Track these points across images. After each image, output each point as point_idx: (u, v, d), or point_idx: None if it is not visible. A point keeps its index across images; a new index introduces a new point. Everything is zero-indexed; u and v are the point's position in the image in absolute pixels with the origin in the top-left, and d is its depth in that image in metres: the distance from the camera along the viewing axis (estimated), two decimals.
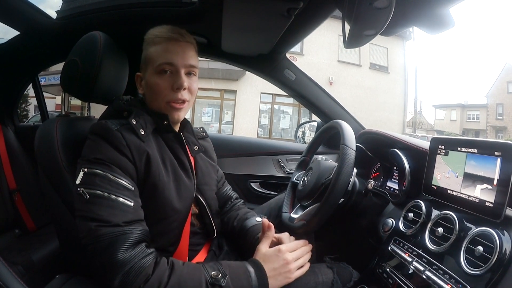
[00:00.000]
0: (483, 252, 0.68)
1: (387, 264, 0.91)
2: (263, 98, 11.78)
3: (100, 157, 0.70)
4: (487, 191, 0.76)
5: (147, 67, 0.83)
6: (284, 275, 0.77)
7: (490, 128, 20.18)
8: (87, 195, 0.66)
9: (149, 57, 0.82)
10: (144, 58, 0.85)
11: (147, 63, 0.83)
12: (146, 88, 0.85)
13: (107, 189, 0.67)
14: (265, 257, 0.78)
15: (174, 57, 0.80)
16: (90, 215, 0.64)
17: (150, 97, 0.84)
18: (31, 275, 1.24)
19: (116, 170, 0.70)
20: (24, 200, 1.51)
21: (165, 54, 0.80)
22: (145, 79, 0.84)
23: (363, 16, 0.71)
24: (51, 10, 1.24)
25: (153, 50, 0.82)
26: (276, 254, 0.78)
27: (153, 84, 0.81)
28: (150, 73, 0.82)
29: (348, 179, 0.87)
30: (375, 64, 12.83)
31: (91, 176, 0.68)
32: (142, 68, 0.86)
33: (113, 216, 0.64)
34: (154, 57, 0.81)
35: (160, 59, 0.80)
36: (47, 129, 0.87)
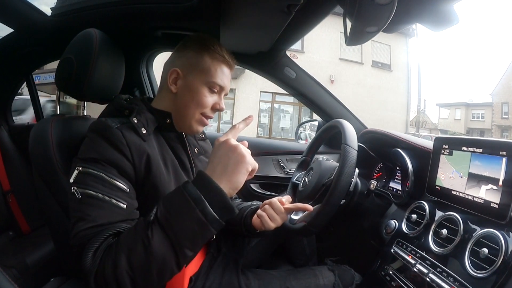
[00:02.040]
0: (488, 254, 0.68)
1: (390, 266, 0.91)
2: (263, 96, 11.77)
3: (96, 156, 0.70)
4: (492, 191, 0.76)
5: (195, 72, 0.83)
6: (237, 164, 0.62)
7: (495, 127, 20.20)
8: (80, 195, 0.65)
9: (204, 67, 0.83)
10: (196, 63, 0.83)
11: (198, 69, 0.83)
12: (187, 91, 0.84)
13: (100, 190, 0.66)
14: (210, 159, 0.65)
15: (226, 83, 0.87)
16: (80, 215, 0.64)
17: (187, 101, 0.84)
18: (25, 279, 1.24)
19: (112, 170, 0.69)
20: (18, 201, 1.51)
21: (222, 76, 0.85)
22: (188, 82, 0.84)
23: (365, 13, 0.71)
24: (46, 7, 1.24)
25: (210, 63, 0.84)
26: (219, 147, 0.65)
27: (200, 95, 0.83)
28: (199, 81, 0.83)
29: (349, 180, 0.86)
30: (378, 62, 12.82)
31: (85, 175, 0.67)
32: (187, 68, 0.84)
33: (100, 217, 0.64)
34: (210, 71, 0.83)
35: (217, 78, 0.84)
36: (41, 128, 0.87)
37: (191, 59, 0.84)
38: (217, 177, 0.60)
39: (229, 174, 0.61)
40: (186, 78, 0.84)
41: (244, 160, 0.62)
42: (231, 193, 0.61)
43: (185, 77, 0.84)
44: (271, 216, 0.86)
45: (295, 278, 0.95)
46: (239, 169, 0.62)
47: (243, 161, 0.62)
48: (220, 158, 0.63)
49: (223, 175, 0.61)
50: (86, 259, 0.58)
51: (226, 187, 0.60)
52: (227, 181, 0.61)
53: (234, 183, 0.61)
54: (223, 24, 1.03)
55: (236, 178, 0.61)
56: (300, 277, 0.96)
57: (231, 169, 0.61)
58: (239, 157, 0.62)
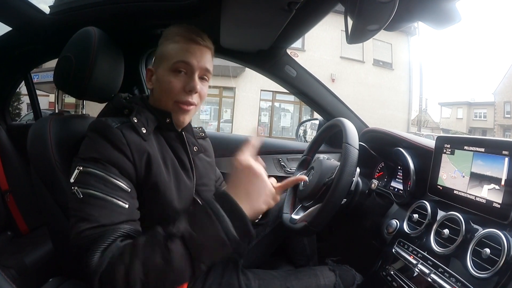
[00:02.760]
0: (490, 254, 0.68)
1: (391, 266, 0.91)
2: (263, 95, 11.76)
3: (96, 156, 0.69)
4: (494, 191, 0.76)
5: (161, 63, 0.83)
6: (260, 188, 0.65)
7: (497, 126, 20.17)
8: (81, 195, 0.65)
9: (166, 54, 0.82)
10: (160, 53, 0.84)
11: (162, 59, 0.83)
12: (157, 84, 0.84)
13: (102, 189, 0.66)
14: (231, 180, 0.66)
15: (191, 58, 0.81)
16: (81, 215, 0.64)
17: (159, 94, 0.84)
18: (23, 279, 1.24)
19: (112, 170, 0.69)
20: (17, 201, 1.51)
21: (183, 53, 0.81)
22: (157, 74, 0.84)
23: (366, 11, 0.71)
24: (44, 5, 1.23)
25: (171, 48, 0.82)
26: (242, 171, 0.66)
27: (166, 82, 0.81)
28: (164, 69, 0.82)
29: (351, 179, 0.86)
30: (379, 60, 12.81)
31: (86, 175, 0.67)
32: (156, 63, 0.86)
33: (103, 217, 0.64)
34: (172, 54, 0.81)
35: (178, 57, 0.80)
36: (40, 128, 0.87)
37: (158, 53, 0.86)
38: (239, 201, 0.61)
39: (251, 202, 0.63)
40: (157, 72, 0.84)
41: (268, 192, 0.66)
42: (252, 218, 0.62)
43: (156, 71, 0.85)
44: None
45: (295, 278, 0.95)
46: (262, 199, 0.65)
47: (268, 194, 0.66)
48: (243, 184, 0.64)
49: (246, 201, 0.62)
50: (92, 259, 0.59)
51: (247, 210, 0.61)
52: (249, 207, 0.62)
53: (254, 211, 0.63)
54: (223, 22, 1.03)
55: (257, 207, 0.64)
56: (301, 277, 0.96)
57: (254, 198, 0.64)
58: (263, 188, 0.65)
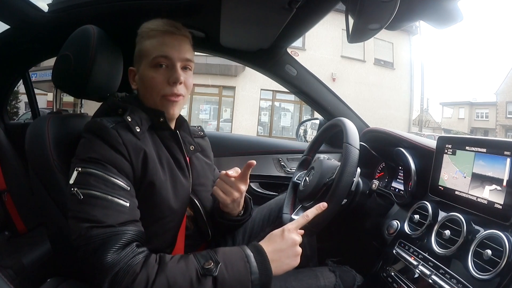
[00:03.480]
0: (491, 255, 0.68)
1: (391, 267, 0.91)
2: (263, 94, 11.77)
3: (94, 156, 0.70)
4: (496, 192, 0.76)
5: (141, 61, 0.83)
6: (290, 258, 0.71)
7: (499, 127, 20.17)
8: (81, 195, 0.65)
9: (144, 51, 0.83)
10: (138, 52, 0.85)
11: (141, 57, 0.84)
12: (140, 83, 0.85)
13: (102, 189, 0.66)
14: (268, 238, 0.73)
15: (170, 50, 0.81)
16: (84, 216, 0.64)
17: (145, 92, 0.84)
18: (21, 279, 1.24)
19: (111, 169, 0.70)
20: (14, 201, 1.51)
21: (161, 47, 0.81)
22: (139, 73, 0.85)
23: (367, 10, 0.71)
24: (43, 3, 1.23)
25: (148, 44, 0.82)
26: (281, 234, 0.73)
27: (148, 78, 0.81)
28: (144, 67, 0.82)
29: (351, 179, 0.87)
30: (380, 59, 12.82)
31: (86, 175, 0.68)
32: (136, 62, 0.86)
33: (107, 217, 0.64)
34: (149, 50, 0.81)
35: (156, 52, 0.80)
36: (38, 127, 0.87)
37: (136, 53, 0.86)
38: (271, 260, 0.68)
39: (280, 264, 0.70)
40: (139, 71, 0.85)
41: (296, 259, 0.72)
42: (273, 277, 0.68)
43: (138, 70, 0.86)
44: (224, 190, 0.85)
45: (295, 279, 0.95)
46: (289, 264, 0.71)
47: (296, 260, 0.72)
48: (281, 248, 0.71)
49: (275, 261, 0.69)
50: (105, 259, 0.60)
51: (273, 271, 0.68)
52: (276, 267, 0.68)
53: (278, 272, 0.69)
54: (223, 21, 1.03)
55: (282, 270, 0.70)
56: (301, 278, 0.96)
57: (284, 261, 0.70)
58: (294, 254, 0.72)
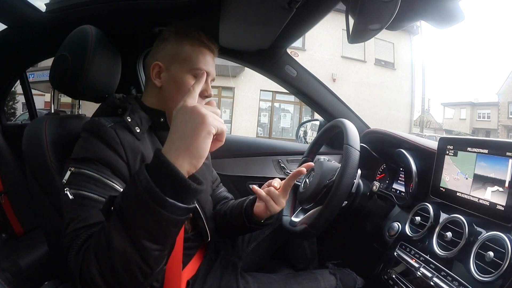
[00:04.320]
0: (494, 257, 0.68)
1: (393, 270, 0.91)
2: (263, 95, 11.77)
3: (89, 156, 0.70)
4: (498, 193, 0.76)
5: (176, 63, 0.84)
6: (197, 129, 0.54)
7: (501, 127, 20.20)
8: (72, 196, 0.65)
9: (184, 56, 0.83)
10: (175, 52, 0.84)
11: (177, 59, 0.84)
12: (171, 83, 0.84)
13: (93, 190, 0.66)
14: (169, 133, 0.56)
15: (210, 67, 0.86)
16: (71, 216, 0.63)
17: (174, 94, 0.84)
18: (18, 282, 1.24)
19: (105, 170, 0.70)
20: (11, 203, 1.51)
21: (205, 61, 0.85)
22: (171, 73, 0.84)
23: (368, 10, 0.71)
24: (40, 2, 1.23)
25: (190, 50, 0.84)
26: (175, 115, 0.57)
27: (186, 84, 0.83)
28: (182, 70, 0.83)
29: (352, 181, 0.86)
30: (381, 60, 12.83)
31: (78, 176, 0.68)
32: (168, 60, 0.85)
33: (92, 217, 0.63)
34: (192, 58, 0.83)
35: (200, 64, 0.83)
36: (35, 128, 0.86)
37: (171, 50, 0.85)
38: (175, 150, 0.53)
39: (187, 142, 0.53)
40: (169, 70, 0.84)
41: (204, 121, 0.54)
42: (194, 163, 0.54)
43: (168, 69, 0.85)
44: (275, 199, 0.86)
45: (295, 282, 0.95)
46: (199, 132, 0.53)
47: (203, 122, 0.54)
48: (177, 127, 0.55)
49: (181, 145, 0.53)
50: (70, 258, 0.58)
51: (185, 159, 0.53)
52: (186, 151, 0.53)
53: (194, 151, 0.53)
54: (223, 21, 1.03)
55: (196, 145, 0.53)
56: (301, 280, 0.96)
57: (189, 136, 0.53)
58: (198, 119, 0.54)
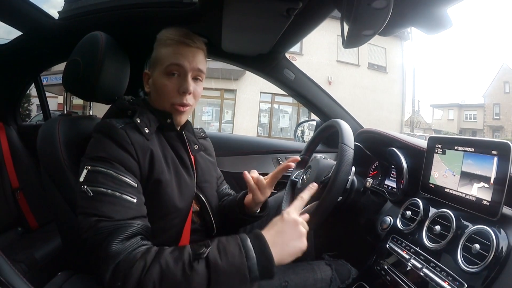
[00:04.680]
0: (480, 249, 0.68)
1: (385, 261, 0.91)
2: (263, 97, 11.75)
3: (103, 155, 0.70)
4: (484, 189, 0.76)
5: (155, 67, 0.83)
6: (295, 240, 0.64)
7: (487, 127, 20.16)
8: (91, 192, 0.66)
9: (159, 57, 0.83)
10: (154, 57, 0.85)
11: (156, 63, 0.83)
12: (153, 87, 0.85)
13: (111, 186, 0.67)
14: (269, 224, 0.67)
15: (183, 60, 0.80)
16: (93, 211, 0.64)
17: (156, 96, 0.84)
18: (33, 273, 1.24)
19: (119, 167, 0.70)
20: (27, 198, 1.51)
21: (175, 56, 0.81)
22: (153, 78, 0.84)
23: (361, 16, 0.71)
24: (54, 10, 1.24)
25: (163, 51, 0.82)
26: (281, 217, 0.66)
27: (160, 85, 0.81)
28: (158, 73, 0.82)
29: (346, 178, 0.86)
30: (374, 64, 12.80)
31: (95, 173, 0.68)
32: (151, 67, 0.86)
33: (115, 213, 0.64)
34: (164, 58, 0.81)
35: (169, 60, 0.80)
36: (49, 128, 0.87)
37: (152, 58, 0.86)
38: (272, 244, 0.60)
39: (284, 249, 0.62)
40: (152, 76, 0.85)
41: (303, 247, 0.64)
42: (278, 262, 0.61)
43: (151, 75, 0.85)
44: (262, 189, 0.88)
45: (293, 272, 0.95)
46: (296, 253, 0.63)
47: (302, 248, 0.64)
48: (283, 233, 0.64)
49: (279, 246, 0.61)
50: (111, 248, 0.60)
51: (276, 256, 0.60)
52: (279, 252, 0.61)
53: (283, 257, 0.62)
54: (225, 28, 1.03)
55: (288, 253, 0.62)
56: (299, 271, 0.96)
57: (287, 246, 0.63)
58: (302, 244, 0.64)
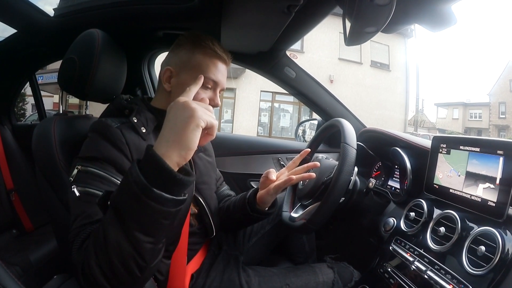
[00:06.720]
0: (485, 252, 0.68)
1: (388, 264, 0.91)
2: (263, 96, 11.76)
3: (95, 155, 0.70)
4: (489, 190, 0.76)
5: (187, 70, 0.82)
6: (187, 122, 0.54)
7: (492, 126, 20.17)
8: (78, 193, 0.65)
9: (195, 64, 0.81)
10: (187, 59, 0.82)
11: (189, 66, 0.82)
12: (178, 88, 0.82)
13: (99, 187, 0.66)
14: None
15: (220, 77, 0.84)
16: (78, 213, 0.63)
17: None
18: (28, 276, 1.24)
19: (110, 168, 0.69)
20: (22, 200, 1.51)
21: (215, 71, 0.82)
22: (181, 80, 0.82)
23: (364, 13, 0.71)
24: (49, 7, 1.24)
25: (201, 59, 0.82)
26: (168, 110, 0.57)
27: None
28: (191, 78, 0.78)
29: (349, 178, 0.86)
30: (376, 62, 12.80)
31: (84, 174, 0.68)
32: (179, 66, 0.83)
33: (96, 214, 0.63)
34: (202, 66, 0.81)
35: (209, 73, 0.81)
36: (44, 128, 0.87)
37: (183, 57, 0.84)
38: (165, 142, 0.53)
39: (177, 135, 0.53)
40: (179, 76, 0.83)
41: (193, 114, 0.54)
42: (183, 155, 0.53)
43: (178, 75, 0.83)
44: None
45: (294, 275, 0.95)
46: (188, 125, 0.53)
47: (193, 115, 0.54)
48: (168, 121, 0.55)
49: (171, 137, 0.53)
50: (73, 253, 0.58)
51: (175, 151, 0.52)
52: (175, 142, 0.53)
53: (183, 143, 0.53)
54: (224, 24, 1.03)
55: (185, 137, 0.53)
56: (300, 274, 0.96)
57: (178, 128, 0.53)
58: (188, 112, 0.54)
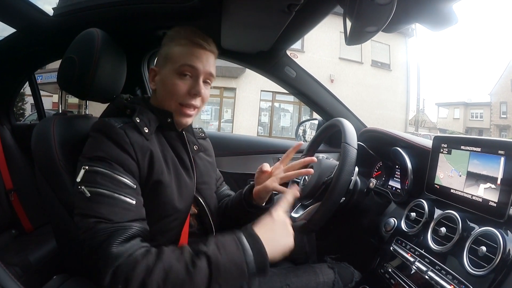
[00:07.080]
0: (486, 252, 0.68)
1: (389, 264, 0.91)
2: (263, 96, 11.75)
3: (101, 154, 0.70)
4: (490, 190, 0.76)
5: (166, 64, 0.82)
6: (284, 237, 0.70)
7: (493, 126, 20.14)
8: (88, 193, 0.65)
9: (172, 56, 0.82)
10: (165, 54, 0.83)
11: (167, 60, 0.82)
12: (161, 85, 0.84)
13: (109, 187, 0.66)
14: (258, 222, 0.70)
15: (197, 62, 0.81)
16: (91, 213, 0.64)
17: (164, 95, 0.83)
18: (28, 276, 1.24)
19: (118, 168, 0.70)
20: (21, 200, 1.51)
21: (190, 57, 0.81)
22: (162, 75, 0.83)
23: (364, 13, 0.71)
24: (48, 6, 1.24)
25: (177, 50, 0.81)
26: (269, 216, 0.71)
27: (171, 84, 0.81)
28: (169, 71, 0.81)
29: (349, 178, 0.87)
30: (377, 61, 12.79)
31: (92, 174, 0.67)
32: (160, 64, 0.85)
33: (114, 214, 0.64)
34: (178, 57, 0.81)
35: (184, 60, 0.80)
36: (44, 128, 0.87)
37: (163, 53, 0.85)
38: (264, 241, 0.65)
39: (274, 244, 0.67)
40: (161, 73, 0.84)
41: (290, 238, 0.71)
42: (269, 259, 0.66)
43: (160, 72, 0.84)
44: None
45: (295, 275, 0.95)
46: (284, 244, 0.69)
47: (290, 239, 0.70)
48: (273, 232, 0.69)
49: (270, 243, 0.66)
50: (110, 251, 0.60)
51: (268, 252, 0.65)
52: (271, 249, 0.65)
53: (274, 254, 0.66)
54: (224, 24, 1.03)
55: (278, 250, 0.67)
56: (300, 274, 0.96)
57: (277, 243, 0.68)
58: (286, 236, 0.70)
